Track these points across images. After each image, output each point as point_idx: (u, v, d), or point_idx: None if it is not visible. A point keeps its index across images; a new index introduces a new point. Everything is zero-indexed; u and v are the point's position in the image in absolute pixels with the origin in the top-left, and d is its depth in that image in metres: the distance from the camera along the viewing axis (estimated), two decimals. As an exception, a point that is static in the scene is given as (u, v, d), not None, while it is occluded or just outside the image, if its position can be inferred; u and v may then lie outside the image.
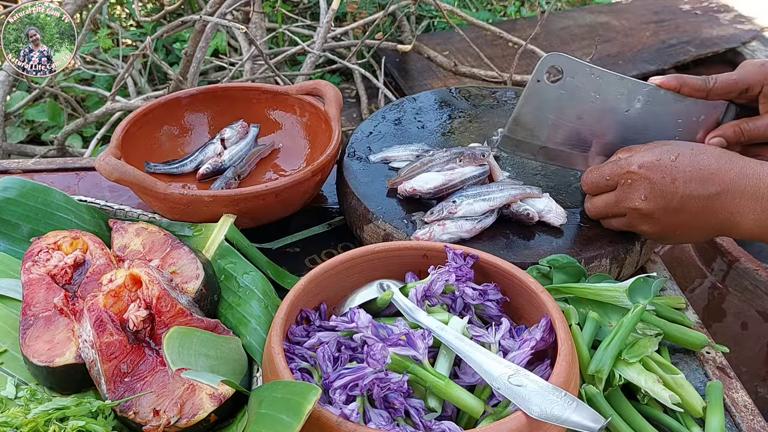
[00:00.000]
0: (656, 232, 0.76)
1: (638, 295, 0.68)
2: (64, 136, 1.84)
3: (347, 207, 0.87)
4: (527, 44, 1.74)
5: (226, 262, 0.75)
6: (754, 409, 0.68)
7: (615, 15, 2.95)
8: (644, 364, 0.65)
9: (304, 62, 1.82)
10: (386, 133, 0.99)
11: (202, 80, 2.30)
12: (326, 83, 0.99)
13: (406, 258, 0.68)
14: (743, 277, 1.07)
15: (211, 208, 0.79)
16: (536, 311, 0.63)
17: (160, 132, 0.98)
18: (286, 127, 1.03)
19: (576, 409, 0.51)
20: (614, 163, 0.77)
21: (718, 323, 1.11)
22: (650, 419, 0.63)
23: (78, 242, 0.73)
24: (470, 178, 0.83)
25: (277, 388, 0.53)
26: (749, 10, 3.03)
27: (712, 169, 0.71)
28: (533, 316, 0.64)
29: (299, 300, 0.63)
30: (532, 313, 0.64)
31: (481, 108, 1.07)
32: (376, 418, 0.54)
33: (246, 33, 1.34)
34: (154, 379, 0.61)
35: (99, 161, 0.79)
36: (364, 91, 2.31)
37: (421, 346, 0.56)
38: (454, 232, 0.77)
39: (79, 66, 2.16)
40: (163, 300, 0.64)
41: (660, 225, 0.74)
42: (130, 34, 2.56)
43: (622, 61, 2.57)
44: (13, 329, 0.68)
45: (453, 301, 0.65)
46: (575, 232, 0.82)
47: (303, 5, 2.65)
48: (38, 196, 0.79)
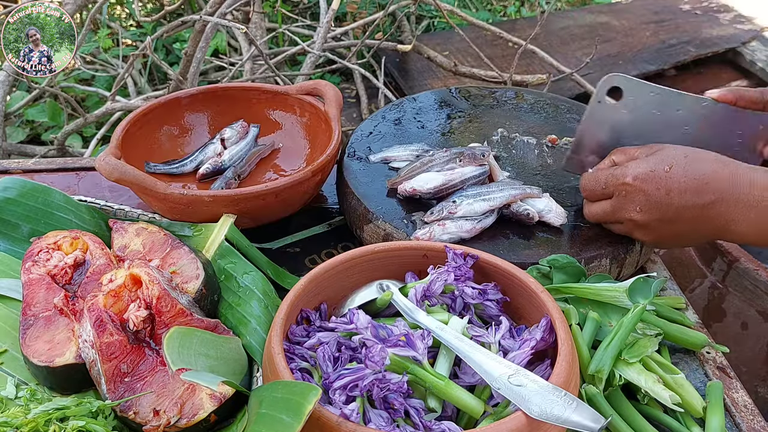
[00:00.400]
0: (652, 240, 0.77)
1: (638, 295, 0.68)
2: (64, 136, 1.84)
3: (347, 207, 0.87)
4: (527, 44, 1.74)
5: (226, 262, 0.75)
6: (754, 409, 0.68)
7: (615, 15, 2.95)
8: (644, 364, 0.65)
9: (304, 62, 1.82)
10: (386, 133, 0.99)
11: (202, 80, 2.30)
12: (326, 83, 0.99)
13: (406, 258, 0.68)
14: (743, 277, 1.07)
15: (211, 208, 0.79)
16: (536, 311, 0.63)
17: (160, 132, 0.98)
18: (286, 127, 1.03)
19: (576, 409, 0.51)
20: (610, 172, 0.77)
21: (718, 323, 1.11)
22: (650, 419, 0.63)
23: (78, 242, 0.73)
24: (470, 178, 0.83)
25: (277, 388, 0.53)
26: (749, 10, 3.04)
27: (707, 178, 0.71)
28: (533, 316, 0.64)
29: (299, 300, 0.63)
30: (532, 313, 0.64)
31: (480, 108, 1.07)
32: (375, 418, 0.54)
33: (246, 33, 1.34)
34: (154, 379, 0.61)
35: (99, 161, 0.79)
36: (364, 91, 2.31)
37: (421, 347, 0.56)
38: (454, 232, 0.77)
39: (79, 66, 2.16)
40: (163, 300, 0.64)
41: (656, 234, 0.76)
42: (130, 34, 2.56)
43: (622, 61, 2.58)
44: (13, 329, 0.68)
45: (453, 301, 0.65)
46: (575, 232, 0.82)
47: (303, 5, 2.65)
48: (38, 196, 0.79)
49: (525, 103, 1.09)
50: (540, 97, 1.10)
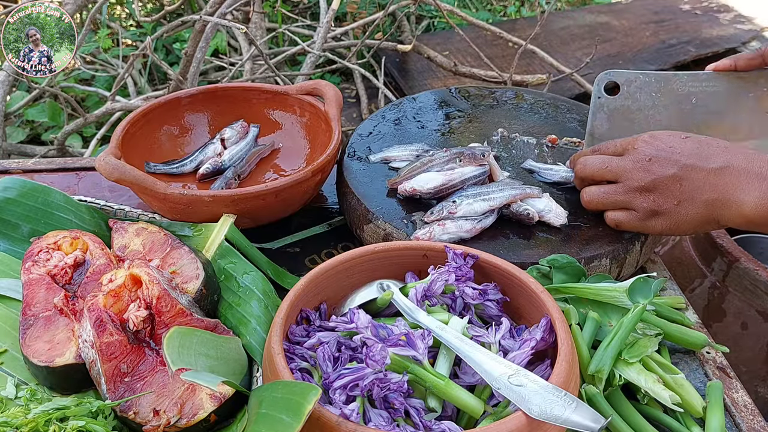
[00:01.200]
0: (654, 207, 0.75)
1: (638, 295, 0.68)
2: (64, 136, 1.84)
3: (347, 207, 0.87)
4: (527, 44, 1.74)
5: (226, 262, 0.75)
6: (754, 409, 0.68)
7: (615, 15, 2.96)
8: (644, 364, 0.65)
9: (304, 62, 1.83)
10: (386, 133, 0.99)
11: (202, 80, 2.30)
12: (326, 83, 0.99)
13: (406, 258, 0.68)
14: (743, 277, 1.07)
15: (211, 208, 0.79)
16: (536, 311, 0.63)
17: (160, 132, 0.98)
18: (286, 127, 1.03)
19: (576, 409, 0.51)
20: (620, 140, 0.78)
21: (718, 323, 1.11)
22: (650, 419, 0.63)
23: (78, 242, 0.73)
24: (470, 178, 0.83)
25: (277, 388, 0.53)
26: (749, 10, 3.04)
27: (719, 150, 0.72)
28: (533, 316, 0.64)
29: (299, 300, 0.63)
30: (532, 313, 0.64)
31: (480, 108, 1.07)
32: (376, 418, 0.54)
33: (246, 33, 1.34)
34: (154, 379, 0.61)
35: (99, 161, 0.79)
36: (364, 91, 2.31)
37: (421, 346, 0.56)
38: (454, 232, 0.77)
39: (79, 66, 2.16)
40: (163, 300, 0.64)
41: (660, 196, 0.74)
42: (130, 34, 2.56)
43: (622, 61, 2.58)
44: (13, 329, 0.68)
45: (453, 301, 0.65)
46: (575, 232, 0.82)
47: (303, 5, 2.65)
48: (38, 196, 0.79)
49: (525, 103, 1.09)
50: (540, 97, 1.10)
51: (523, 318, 0.66)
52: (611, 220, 0.79)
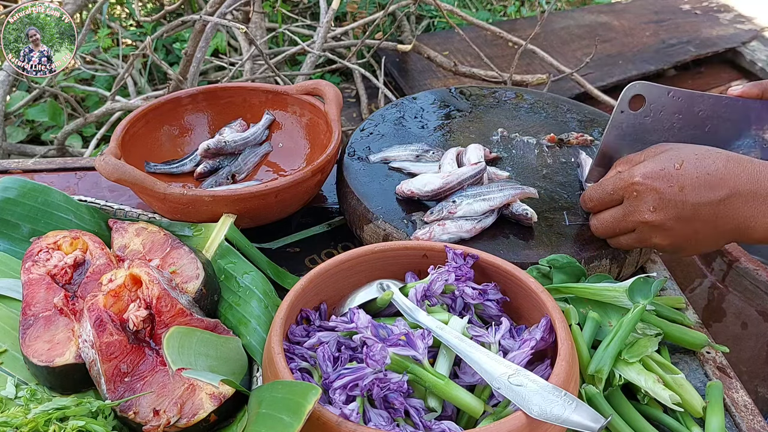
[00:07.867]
0: (669, 244, 0.73)
1: (638, 295, 0.68)
2: (64, 136, 1.84)
3: (347, 207, 0.87)
4: (527, 44, 1.74)
5: (226, 262, 0.75)
6: (754, 409, 0.68)
7: (615, 15, 2.95)
8: (644, 364, 0.65)
9: (304, 62, 1.82)
10: (386, 133, 0.99)
11: (202, 80, 2.30)
12: (326, 83, 0.99)
13: (406, 258, 0.68)
14: (743, 277, 1.07)
15: (211, 208, 0.79)
16: (536, 311, 0.63)
17: (160, 132, 0.98)
18: (286, 127, 1.03)
19: (576, 409, 0.51)
20: (616, 176, 0.74)
21: (718, 323, 1.12)
22: (650, 419, 0.63)
23: (78, 242, 0.73)
24: (467, 178, 0.83)
25: (277, 388, 0.53)
26: (749, 10, 3.04)
27: (720, 174, 0.68)
28: (533, 316, 0.64)
29: (299, 300, 0.63)
30: (532, 313, 0.64)
31: (480, 108, 1.07)
32: (376, 418, 0.54)
33: (246, 33, 1.34)
34: (154, 379, 0.61)
35: (99, 161, 0.79)
36: (364, 91, 2.31)
37: (421, 346, 0.56)
38: (454, 232, 0.77)
39: (79, 66, 2.16)
40: (163, 300, 0.64)
41: (672, 236, 0.71)
42: (130, 34, 2.56)
43: (622, 61, 2.58)
44: (13, 329, 0.68)
45: (453, 300, 0.65)
46: (575, 232, 0.82)
47: (303, 5, 2.65)
48: (38, 196, 0.79)
49: (525, 102, 1.09)
50: (540, 97, 1.10)
51: (523, 318, 0.66)
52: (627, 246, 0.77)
